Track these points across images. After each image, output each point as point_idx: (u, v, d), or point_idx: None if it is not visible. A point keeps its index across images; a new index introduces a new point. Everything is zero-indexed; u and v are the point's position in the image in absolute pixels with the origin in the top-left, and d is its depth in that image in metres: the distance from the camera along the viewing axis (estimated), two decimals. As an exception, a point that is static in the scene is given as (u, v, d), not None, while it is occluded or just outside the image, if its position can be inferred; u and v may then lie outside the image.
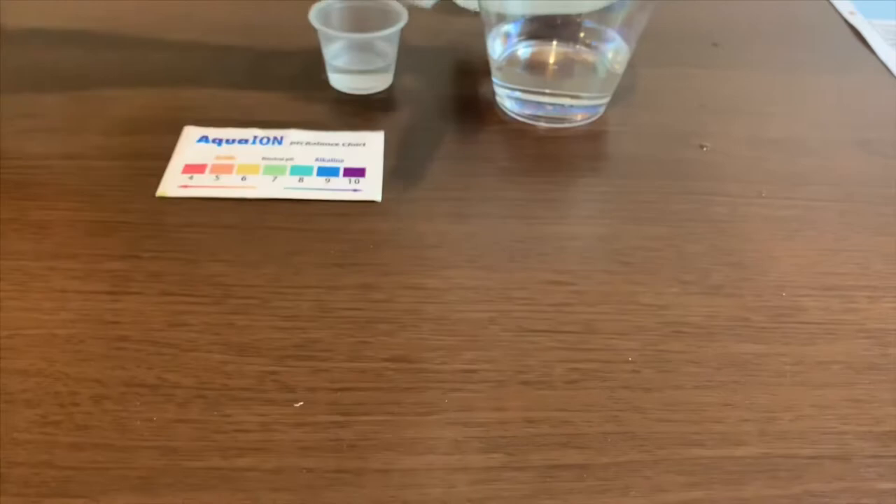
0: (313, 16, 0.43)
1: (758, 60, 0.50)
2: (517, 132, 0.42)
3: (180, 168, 0.38)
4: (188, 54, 0.47)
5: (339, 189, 0.38)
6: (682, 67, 0.48)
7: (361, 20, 0.45)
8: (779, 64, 0.49)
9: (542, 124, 0.43)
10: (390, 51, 0.44)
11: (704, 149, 0.42)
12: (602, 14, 0.43)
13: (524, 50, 0.44)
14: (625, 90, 0.45)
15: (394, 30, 0.43)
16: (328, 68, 0.44)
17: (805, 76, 0.48)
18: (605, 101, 0.44)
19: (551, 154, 0.41)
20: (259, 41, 0.48)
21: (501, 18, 0.43)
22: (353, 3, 0.45)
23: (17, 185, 0.37)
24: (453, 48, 0.49)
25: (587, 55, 0.44)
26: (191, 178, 0.38)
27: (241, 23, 0.50)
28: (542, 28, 0.45)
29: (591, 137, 0.42)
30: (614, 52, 0.43)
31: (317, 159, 0.39)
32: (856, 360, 0.31)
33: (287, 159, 0.39)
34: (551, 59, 0.45)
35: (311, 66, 0.46)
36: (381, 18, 0.44)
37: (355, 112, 0.43)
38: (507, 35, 0.44)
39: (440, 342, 0.31)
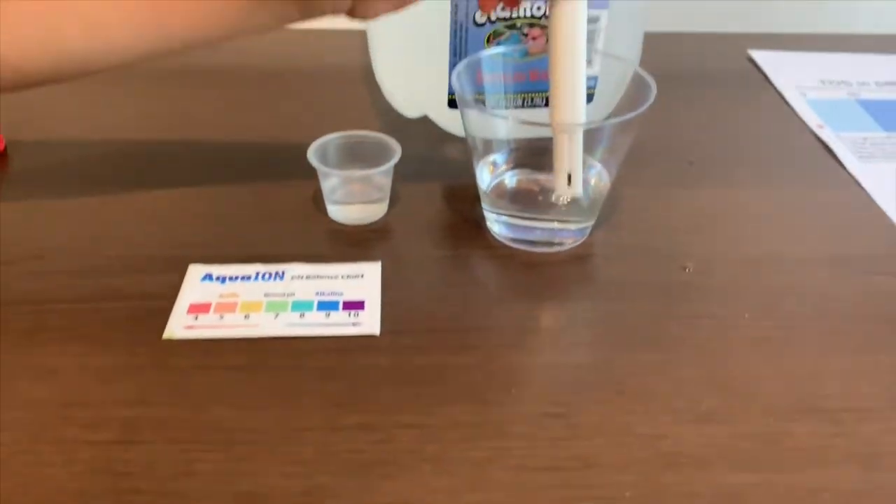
0: (311, 153, 0.45)
1: (732, 177, 0.52)
2: (507, 257, 0.44)
3: (185, 308, 0.40)
4: (190, 190, 0.49)
5: (339, 324, 0.39)
6: (660, 187, 0.50)
7: (358, 153, 0.47)
8: (752, 179, 0.52)
9: (531, 249, 0.45)
10: (386, 183, 0.47)
11: (687, 270, 0.43)
12: (585, 140, 0.45)
13: (511, 178, 0.47)
14: (609, 212, 0.47)
15: (389, 165, 0.45)
16: (327, 201, 0.47)
17: (779, 191, 0.51)
18: (591, 223, 0.46)
19: (541, 279, 0.43)
20: (260, 175, 0.51)
21: (488, 148, 0.46)
22: (349, 138, 0.47)
23: (28, 330, 0.38)
24: (444, 174, 0.51)
25: (572, 182, 0.47)
26: (196, 318, 0.39)
27: (242, 158, 0.53)
28: (528, 156, 0.47)
29: (579, 261, 0.44)
30: (597, 177, 0.46)
31: (317, 293, 0.41)
32: (845, 486, 0.32)
33: (288, 294, 0.41)
34: (537, 187, 0.47)
35: (310, 198, 0.48)
36: (376, 151, 0.47)
37: (354, 242, 0.45)
38: (494, 164, 0.47)
39: (441, 484, 0.31)
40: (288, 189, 0.49)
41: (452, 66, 0.51)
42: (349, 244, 0.45)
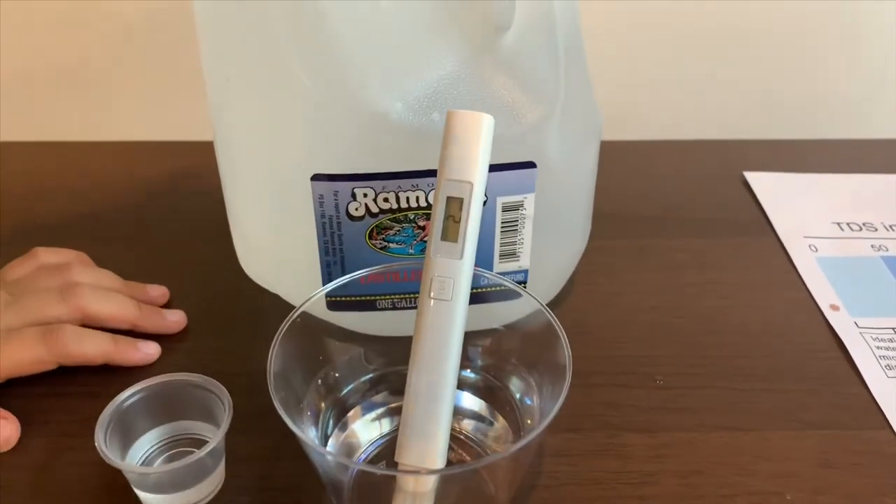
0: (100, 436, 0.32)
1: (707, 409, 0.38)
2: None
3: None
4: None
5: None
6: (611, 431, 0.36)
7: (176, 404, 0.35)
8: (736, 414, 0.37)
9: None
10: (216, 451, 0.33)
11: None
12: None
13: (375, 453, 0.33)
14: (535, 476, 0.33)
15: (215, 441, 0.32)
16: (135, 487, 0.33)
17: (766, 434, 0.36)
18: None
19: None
20: (42, 431, 0.36)
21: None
22: (152, 390, 0.34)
23: None
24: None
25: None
26: None
27: (24, 410, 0.37)
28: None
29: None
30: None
31: None
32: None
33: None
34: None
35: (109, 474, 0.34)
36: (200, 401, 0.34)
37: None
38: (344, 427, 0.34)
39: None
40: (82, 461, 0.35)
41: (326, 265, 0.38)
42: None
